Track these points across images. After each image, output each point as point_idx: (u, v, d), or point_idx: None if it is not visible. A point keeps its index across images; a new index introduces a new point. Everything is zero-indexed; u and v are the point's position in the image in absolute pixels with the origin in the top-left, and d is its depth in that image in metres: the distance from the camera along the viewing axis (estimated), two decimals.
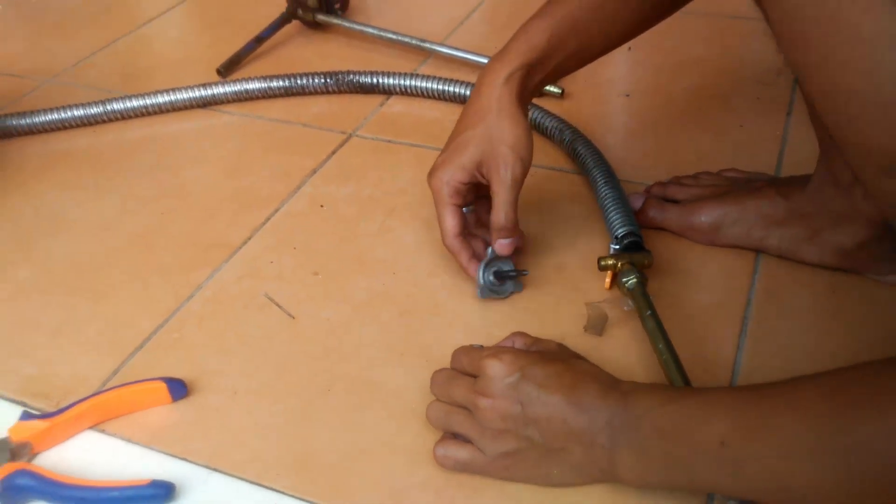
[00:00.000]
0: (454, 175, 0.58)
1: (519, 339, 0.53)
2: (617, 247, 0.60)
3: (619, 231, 0.61)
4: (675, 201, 0.66)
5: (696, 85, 0.87)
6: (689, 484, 0.44)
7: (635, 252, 0.59)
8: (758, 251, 0.63)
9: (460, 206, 0.59)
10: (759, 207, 0.62)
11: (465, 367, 0.50)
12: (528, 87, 0.58)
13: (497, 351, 0.49)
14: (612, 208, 0.63)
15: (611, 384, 0.46)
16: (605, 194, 0.65)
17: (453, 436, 0.49)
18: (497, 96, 0.56)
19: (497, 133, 0.56)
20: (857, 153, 0.39)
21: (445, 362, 0.55)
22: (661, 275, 0.61)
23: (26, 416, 0.52)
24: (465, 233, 0.60)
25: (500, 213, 0.57)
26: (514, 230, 0.58)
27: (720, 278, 0.61)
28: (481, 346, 0.52)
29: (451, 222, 0.59)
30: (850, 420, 0.35)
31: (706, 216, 0.63)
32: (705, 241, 0.64)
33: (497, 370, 0.47)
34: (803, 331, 0.57)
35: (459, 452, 0.48)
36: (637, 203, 0.67)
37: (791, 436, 0.37)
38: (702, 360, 0.54)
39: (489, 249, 0.59)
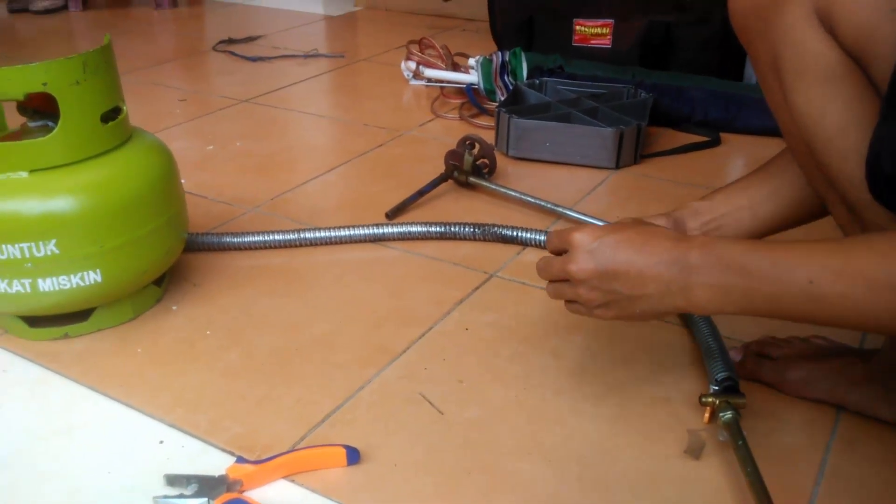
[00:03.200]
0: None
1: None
2: (717, 388, 0.72)
3: (720, 375, 0.73)
4: (768, 357, 0.78)
5: None
6: (767, 312, 0.56)
7: (732, 394, 0.71)
8: (839, 406, 0.73)
9: None
10: (842, 369, 0.73)
11: (557, 245, 0.65)
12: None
13: (580, 226, 0.64)
14: (713, 356, 0.76)
15: (682, 238, 0.60)
16: (709, 345, 0.78)
17: None
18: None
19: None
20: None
21: (567, 464, 0.68)
22: (753, 417, 0.73)
23: (241, 460, 0.67)
24: None
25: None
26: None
27: (804, 425, 0.72)
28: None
29: None
30: None
31: (797, 372, 0.75)
32: (794, 394, 0.75)
33: (579, 240, 0.62)
34: (875, 477, 0.66)
35: (571, 305, 0.66)
36: (737, 356, 0.79)
37: (874, 275, 0.50)
38: (783, 491, 0.64)
39: None
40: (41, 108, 0.84)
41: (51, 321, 0.86)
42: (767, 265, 0.55)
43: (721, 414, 0.69)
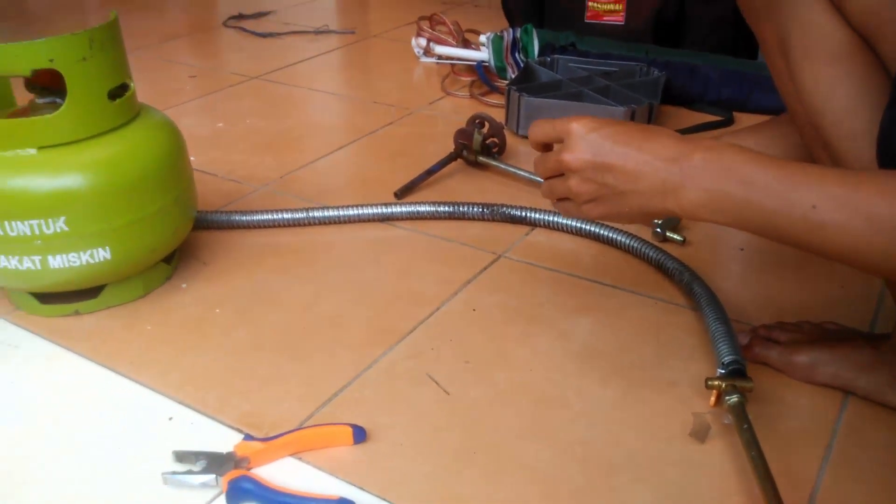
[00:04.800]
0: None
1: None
2: (723, 371, 0.72)
3: (726, 358, 0.73)
4: (776, 342, 0.78)
5: None
6: (760, 230, 0.55)
7: (739, 377, 0.71)
8: (847, 392, 0.73)
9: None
10: (850, 354, 0.72)
11: (551, 134, 0.63)
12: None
13: (578, 116, 0.61)
14: (721, 340, 0.75)
15: (686, 139, 0.57)
16: (716, 328, 0.78)
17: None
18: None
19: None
20: None
21: (570, 447, 0.68)
22: (759, 402, 0.72)
23: (248, 437, 0.68)
24: None
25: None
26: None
27: (811, 410, 0.72)
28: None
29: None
30: None
31: (804, 357, 0.74)
32: (801, 379, 0.75)
33: (578, 128, 0.60)
34: (881, 465, 0.66)
35: (562, 203, 0.64)
36: (744, 339, 0.79)
37: (877, 211, 0.49)
38: (787, 476, 0.64)
39: None
40: (49, 85, 0.84)
41: (61, 298, 0.87)
42: (772, 180, 0.53)
43: (727, 397, 0.69)
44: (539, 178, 1.10)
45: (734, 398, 0.68)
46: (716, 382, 0.70)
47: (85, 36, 0.79)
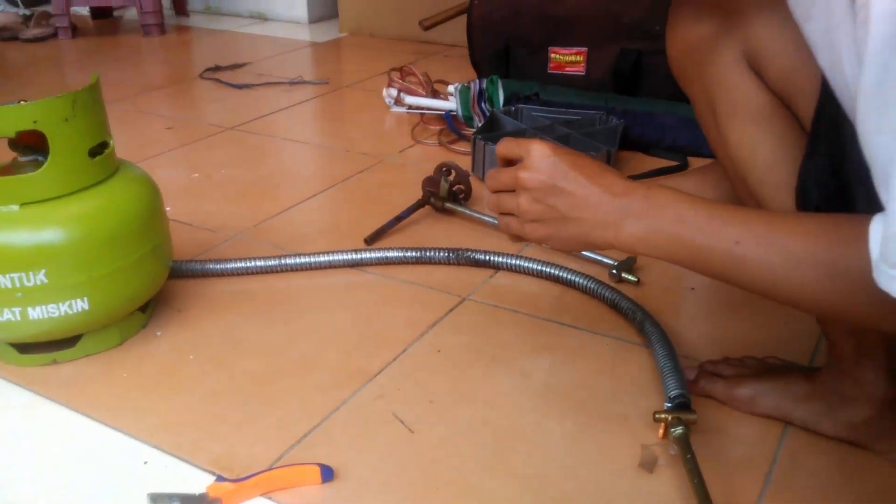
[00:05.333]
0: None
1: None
2: (669, 405, 0.76)
3: (672, 393, 0.77)
4: (721, 376, 0.83)
5: None
6: (691, 264, 0.60)
7: (684, 410, 0.75)
8: (786, 422, 0.78)
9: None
10: (789, 386, 0.77)
11: (514, 150, 0.67)
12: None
13: (538, 140, 0.65)
14: (668, 375, 0.80)
15: (632, 182, 0.62)
16: (665, 364, 0.83)
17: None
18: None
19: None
20: None
21: (528, 480, 0.72)
22: (705, 432, 0.77)
23: (220, 478, 0.71)
24: None
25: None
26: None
27: (752, 439, 0.76)
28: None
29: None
30: (841, 248, 0.52)
31: (746, 389, 0.79)
32: (744, 410, 0.79)
33: (539, 150, 0.64)
34: (818, 490, 0.71)
35: (506, 218, 0.67)
36: (691, 374, 0.83)
37: (793, 248, 0.54)
38: (728, 501, 0.69)
39: None
40: (32, 144, 0.88)
41: (40, 347, 0.90)
42: (701, 218, 0.59)
43: (673, 429, 0.73)
44: None
45: (679, 430, 0.73)
46: (662, 415, 0.75)
47: (69, 98, 0.83)
